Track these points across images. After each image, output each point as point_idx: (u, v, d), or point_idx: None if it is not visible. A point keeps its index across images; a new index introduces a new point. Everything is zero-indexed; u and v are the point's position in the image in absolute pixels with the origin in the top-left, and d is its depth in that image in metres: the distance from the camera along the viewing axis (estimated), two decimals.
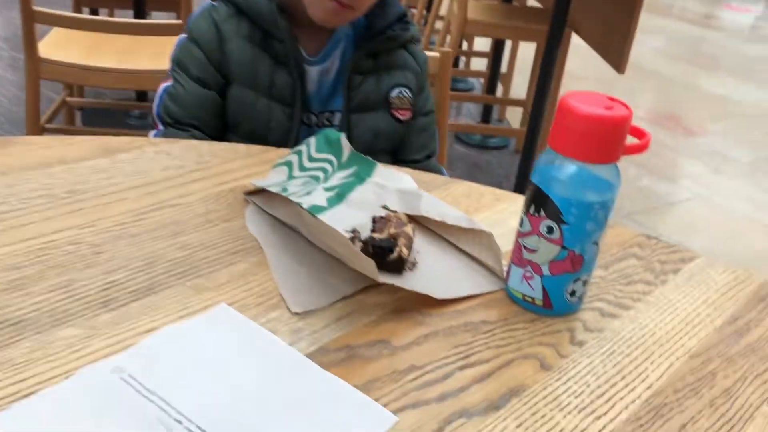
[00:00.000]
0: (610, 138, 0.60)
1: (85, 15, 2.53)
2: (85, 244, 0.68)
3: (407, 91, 1.09)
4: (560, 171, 0.62)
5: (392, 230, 0.71)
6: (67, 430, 0.47)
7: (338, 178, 0.68)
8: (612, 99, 0.62)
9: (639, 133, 0.64)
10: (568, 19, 2.22)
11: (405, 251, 0.68)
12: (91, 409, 0.49)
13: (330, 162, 0.72)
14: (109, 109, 2.85)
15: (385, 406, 0.53)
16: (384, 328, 0.62)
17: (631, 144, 0.63)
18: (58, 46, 2.15)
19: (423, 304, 0.66)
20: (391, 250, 0.68)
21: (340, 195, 0.65)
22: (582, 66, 3.43)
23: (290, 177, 0.76)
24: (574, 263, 0.64)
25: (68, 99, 2.43)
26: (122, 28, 2.02)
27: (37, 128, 2.07)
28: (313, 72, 1.05)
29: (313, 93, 1.05)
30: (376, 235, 0.70)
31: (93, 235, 0.69)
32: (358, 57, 1.04)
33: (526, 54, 3.28)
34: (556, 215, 0.62)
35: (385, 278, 0.65)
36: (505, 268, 0.71)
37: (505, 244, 0.78)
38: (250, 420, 0.50)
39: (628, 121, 0.61)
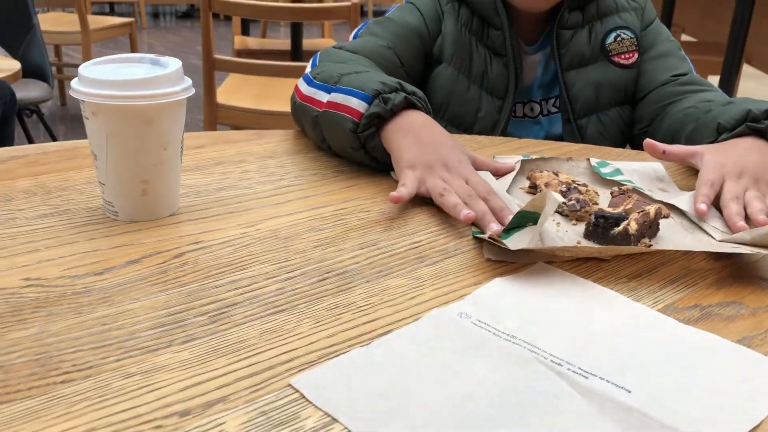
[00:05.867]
0: None
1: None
2: (374, 212, 0.65)
3: (627, 32, 0.97)
4: None
5: (629, 206, 0.62)
6: (434, 365, 0.42)
7: None
8: None
9: None
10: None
11: (633, 226, 0.59)
12: (455, 347, 0.44)
13: None
14: None
15: None
16: (732, 290, 0.54)
17: None
18: (230, 94, 2.26)
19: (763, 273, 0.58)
20: (617, 223, 0.59)
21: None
22: None
23: None
24: None
25: None
26: (293, 71, 2.09)
27: None
28: (532, 60, 0.99)
29: (534, 81, 0.99)
30: (609, 209, 0.62)
31: (379, 204, 0.67)
32: (563, 11, 0.95)
33: None
34: None
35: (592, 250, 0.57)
36: None
37: None
38: (631, 366, 0.43)
39: None
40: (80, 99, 0.56)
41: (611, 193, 0.67)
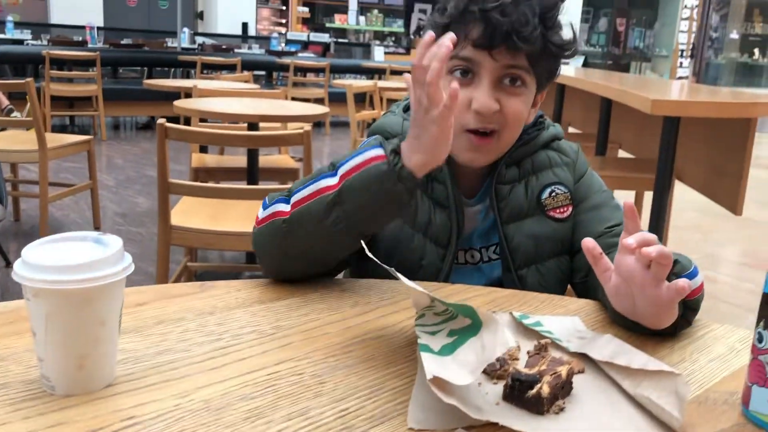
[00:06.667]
0: None
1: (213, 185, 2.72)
2: (307, 374, 0.68)
3: (561, 187, 1.06)
4: None
5: (543, 367, 0.66)
6: None
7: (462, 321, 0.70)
8: None
9: None
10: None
11: (546, 390, 0.62)
12: None
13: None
14: (222, 272, 2.98)
15: None
16: None
17: None
18: (185, 214, 2.30)
19: None
20: (531, 386, 0.62)
21: (453, 345, 0.67)
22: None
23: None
24: None
25: (189, 264, 2.55)
26: (248, 194, 2.16)
27: None
28: (473, 211, 1.06)
29: (475, 230, 1.06)
30: (525, 370, 0.66)
31: (312, 365, 0.70)
32: (500, 167, 1.03)
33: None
34: None
35: (506, 419, 0.60)
36: (721, 399, 0.67)
37: (719, 370, 0.75)
38: None
39: None
40: (22, 283, 0.59)
41: (528, 353, 0.71)
